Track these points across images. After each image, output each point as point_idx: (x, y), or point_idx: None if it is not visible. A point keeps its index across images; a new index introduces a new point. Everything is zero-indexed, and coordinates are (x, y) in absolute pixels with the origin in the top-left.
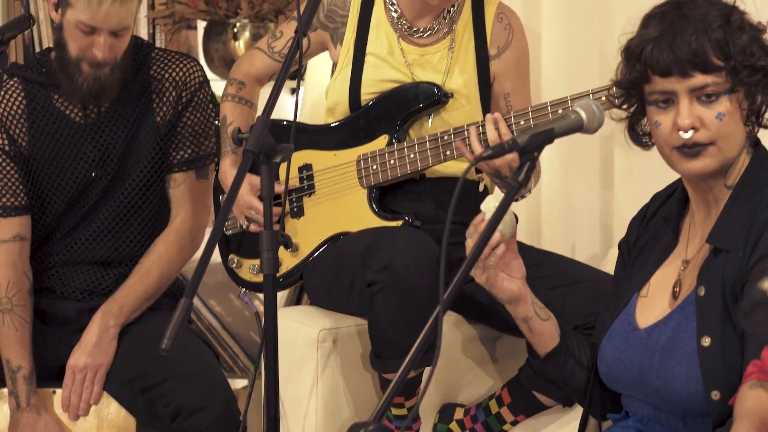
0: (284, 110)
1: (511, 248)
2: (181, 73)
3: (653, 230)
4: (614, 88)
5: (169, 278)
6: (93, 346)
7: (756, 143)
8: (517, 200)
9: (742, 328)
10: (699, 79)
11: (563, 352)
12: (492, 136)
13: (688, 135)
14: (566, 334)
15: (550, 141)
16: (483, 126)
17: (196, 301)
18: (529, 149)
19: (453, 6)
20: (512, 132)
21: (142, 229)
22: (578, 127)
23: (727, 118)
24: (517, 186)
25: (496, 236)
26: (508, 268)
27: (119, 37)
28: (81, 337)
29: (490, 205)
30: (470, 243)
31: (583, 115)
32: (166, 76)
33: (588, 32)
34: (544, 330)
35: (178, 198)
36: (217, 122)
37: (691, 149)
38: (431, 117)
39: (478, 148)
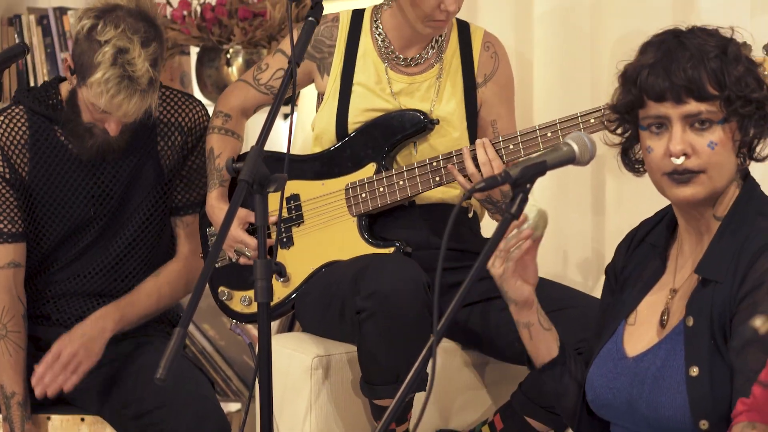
0: (272, 139)
1: (532, 251)
2: (187, 119)
3: (640, 256)
4: (606, 112)
5: (168, 304)
6: (88, 339)
7: (746, 175)
8: None
9: (731, 363)
10: (693, 106)
11: (560, 365)
12: (482, 158)
13: (680, 161)
14: (565, 347)
15: (543, 173)
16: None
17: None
18: (522, 181)
19: (441, 35)
20: (501, 156)
21: (139, 265)
22: (570, 160)
23: (719, 148)
24: (510, 217)
25: (527, 231)
26: (524, 270)
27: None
28: (74, 327)
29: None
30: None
31: (575, 147)
32: (173, 120)
33: (579, 58)
34: (545, 339)
35: (186, 237)
36: None
37: (682, 176)
38: (417, 144)
39: (471, 167)
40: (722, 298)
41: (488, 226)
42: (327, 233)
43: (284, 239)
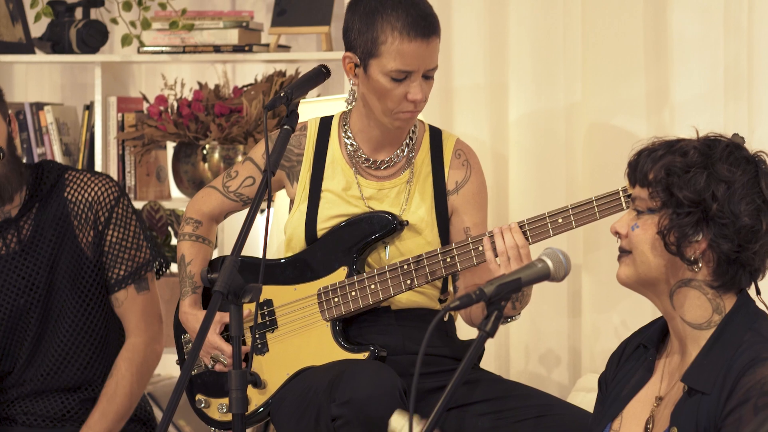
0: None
1: None
2: (93, 194)
3: (631, 360)
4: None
5: (138, 395)
6: None
7: (741, 289)
8: (508, 321)
9: None
10: (636, 190)
11: None
12: (500, 248)
13: (617, 240)
14: None
15: (518, 290)
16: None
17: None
18: (496, 299)
19: (411, 139)
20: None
21: (95, 349)
22: (545, 276)
23: (639, 231)
24: (485, 335)
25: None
26: None
27: None
28: None
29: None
30: None
31: (550, 264)
32: (80, 198)
33: (554, 156)
34: None
35: (126, 316)
36: (142, 233)
37: (619, 254)
38: (388, 247)
39: (491, 256)
40: (708, 410)
41: (464, 329)
42: (301, 338)
43: (259, 345)
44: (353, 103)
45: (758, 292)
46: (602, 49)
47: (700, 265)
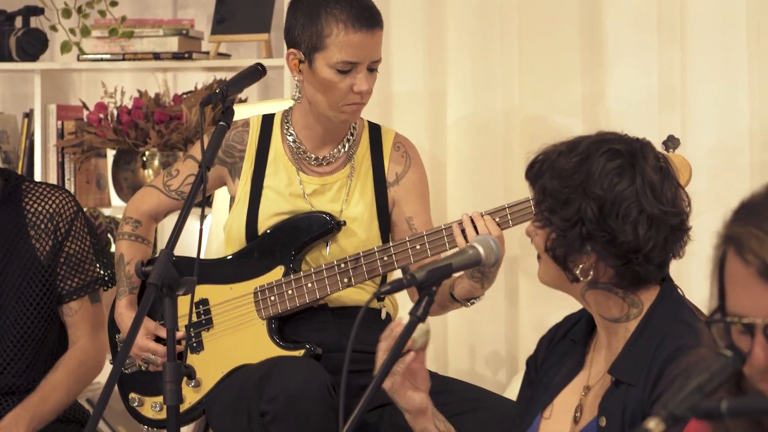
0: (188, 243)
1: (419, 359)
2: (54, 206)
3: (561, 351)
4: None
5: (74, 395)
6: None
7: (663, 278)
8: (473, 303)
9: None
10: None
11: None
12: (471, 234)
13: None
14: None
15: (448, 276)
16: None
17: (104, 428)
18: (427, 284)
19: (352, 135)
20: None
21: (38, 356)
22: (476, 262)
23: (538, 239)
24: (415, 320)
25: (408, 343)
26: (414, 378)
27: None
28: None
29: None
30: (384, 345)
31: (481, 250)
32: (40, 209)
33: (492, 160)
34: None
35: (77, 324)
36: (96, 247)
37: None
38: (329, 245)
39: (462, 242)
40: (634, 400)
41: None
42: (237, 337)
43: (194, 344)
44: (299, 96)
45: (668, 279)
46: (539, 54)
47: (591, 274)
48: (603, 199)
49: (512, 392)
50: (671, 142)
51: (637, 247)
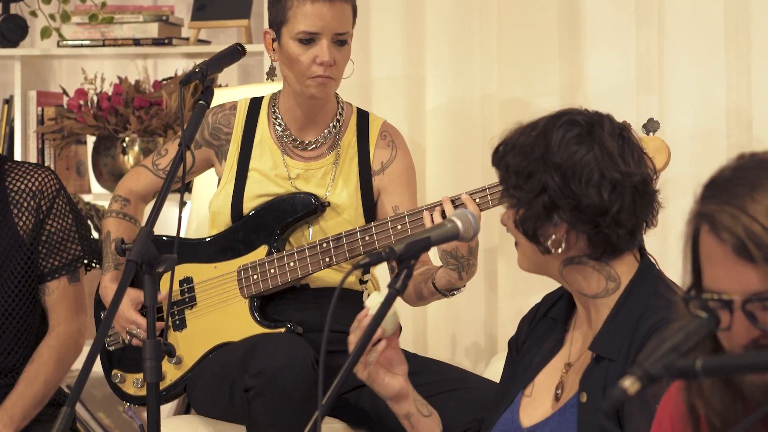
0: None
1: (392, 344)
2: (37, 183)
3: (542, 330)
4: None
5: (56, 383)
6: None
7: (640, 252)
8: (453, 294)
9: None
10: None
11: None
12: (450, 212)
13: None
14: (450, 430)
15: (427, 249)
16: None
17: (84, 413)
18: (406, 257)
19: (338, 121)
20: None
21: (20, 337)
22: (454, 236)
23: (510, 224)
24: (395, 292)
25: (377, 332)
26: (389, 364)
27: None
28: None
29: (374, 301)
30: (353, 338)
31: (459, 224)
32: (23, 187)
33: (471, 145)
34: (426, 426)
35: (55, 305)
36: (79, 227)
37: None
38: (311, 226)
39: (429, 221)
40: (615, 375)
41: None
42: (219, 315)
43: (177, 322)
44: (272, 68)
45: (644, 253)
46: (517, 39)
47: (563, 246)
48: (564, 167)
49: (491, 374)
50: (651, 125)
51: (603, 209)
